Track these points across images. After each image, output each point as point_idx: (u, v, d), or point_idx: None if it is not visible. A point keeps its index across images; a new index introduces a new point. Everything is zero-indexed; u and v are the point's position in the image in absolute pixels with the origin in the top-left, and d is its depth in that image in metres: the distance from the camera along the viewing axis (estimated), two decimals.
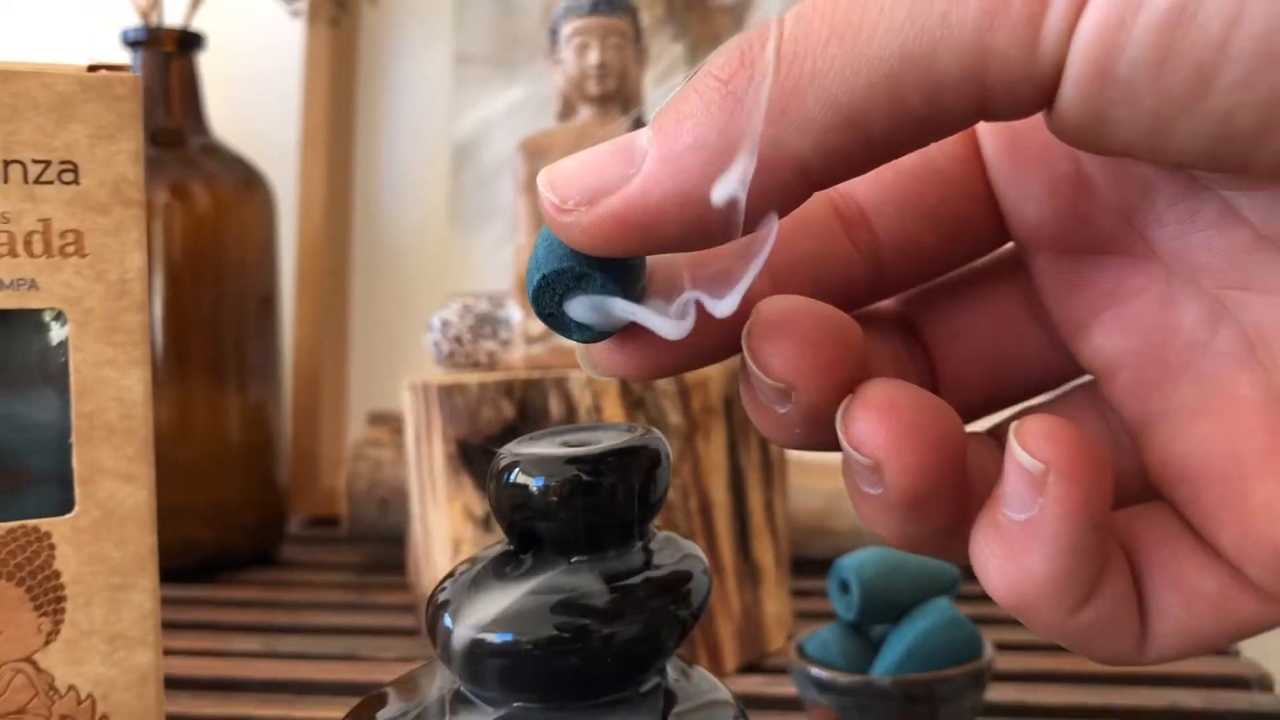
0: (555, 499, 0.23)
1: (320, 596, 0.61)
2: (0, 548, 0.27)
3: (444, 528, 0.48)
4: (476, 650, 0.23)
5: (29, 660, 0.27)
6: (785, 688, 0.43)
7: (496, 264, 0.85)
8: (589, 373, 0.21)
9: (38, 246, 0.27)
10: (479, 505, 0.47)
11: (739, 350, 0.19)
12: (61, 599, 0.28)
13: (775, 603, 0.50)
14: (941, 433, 0.17)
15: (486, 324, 0.51)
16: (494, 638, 0.23)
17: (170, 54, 0.68)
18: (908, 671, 0.34)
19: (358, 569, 0.66)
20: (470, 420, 0.46)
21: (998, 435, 0.21)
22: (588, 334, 0.20)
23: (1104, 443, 0.20)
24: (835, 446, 0.19)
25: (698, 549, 0.25)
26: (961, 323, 0.21)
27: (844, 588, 0.37)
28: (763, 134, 0.15)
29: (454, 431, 0.47)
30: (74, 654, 0.28)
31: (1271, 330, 0.18)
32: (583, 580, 0.23)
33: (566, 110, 0.55)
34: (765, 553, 0.49)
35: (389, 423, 0.70)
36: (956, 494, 0.18)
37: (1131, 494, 0.20)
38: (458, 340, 0.51)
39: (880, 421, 0.17)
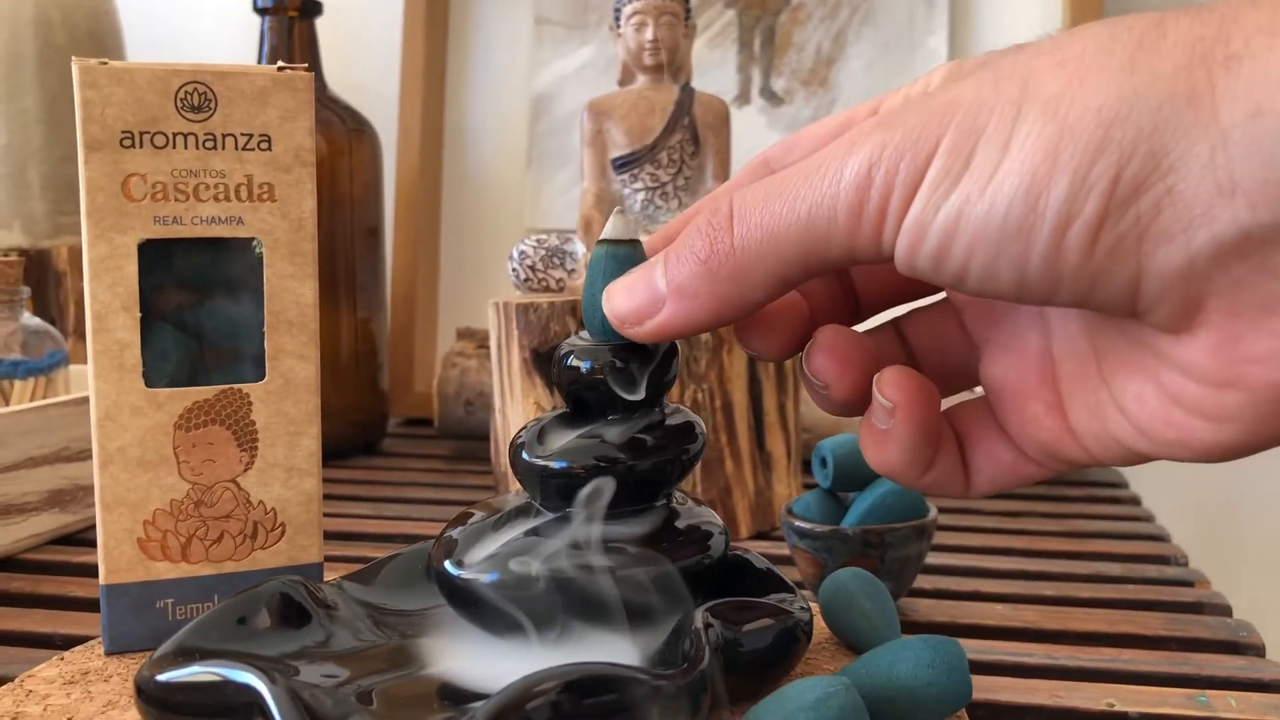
0: (598, 375, 0.33)
1: (417, 478, 0.73)
2: (217, 402, 0.39)
3: (519, 419, 0.59)
4: (542, 473, 0.34)
5: (233, 481, 0.39)
6: (786, 549, 0.54)
7: (565, 204, 0.94)
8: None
9: (244, 194, 0.38)
10: (548, 400, 0.58)
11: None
12: (255, 439, 0.39)
13: (784, 486, 0.61)
14: (864, 364, 0.29)
15: (556, 256, 0.62)
16: (554, 464, 0.33)
17: (293, 19, 0.79)
18: (867, 524, 0.45)
19: (447, 459, 0.79)
20: (542, 333, 0.58)
21: (896, 325, 0.32)
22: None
23: (958, 348, 0.31)
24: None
25: (698, 418, 0.36)
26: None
27: (823, 462, 0.47)
28: (730, 291, 0.27)
29: (528, 342, 0.58)
30: (263, 479, 0.40)
31: (1053, 309, 0.28)
32: (615, 430, 0.34)
33: (626, 77, 0.65)
34: (777, 445, 0.60)
35: (473, 337, 0.80)
36: (869, 397, 0.29)
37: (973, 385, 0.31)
38: (532, 269, 0.62)
39: (827, 358, 0.29)
